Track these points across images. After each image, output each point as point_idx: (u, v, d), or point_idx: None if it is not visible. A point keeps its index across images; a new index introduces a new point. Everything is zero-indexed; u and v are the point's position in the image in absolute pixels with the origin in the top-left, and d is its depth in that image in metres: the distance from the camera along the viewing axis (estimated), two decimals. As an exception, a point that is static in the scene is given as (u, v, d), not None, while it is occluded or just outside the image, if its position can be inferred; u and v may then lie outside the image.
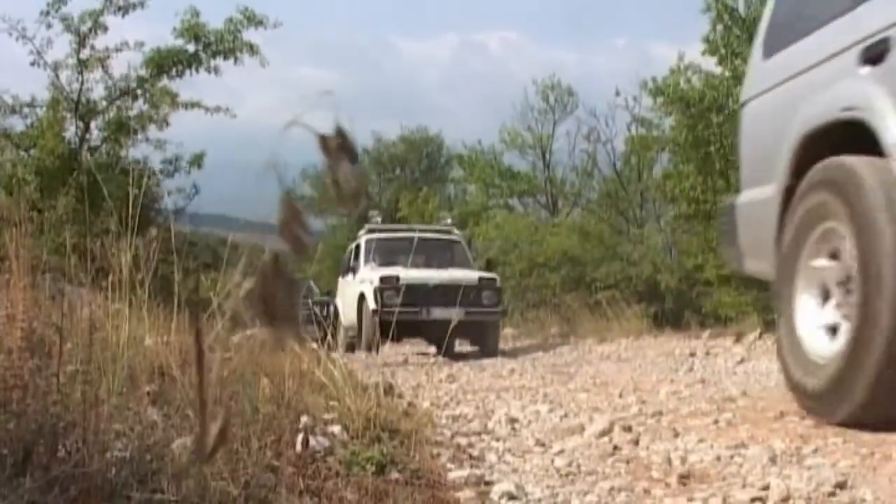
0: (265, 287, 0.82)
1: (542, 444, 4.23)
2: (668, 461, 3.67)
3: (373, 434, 3.59)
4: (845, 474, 3.18)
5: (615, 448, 4.05)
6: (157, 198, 14.26)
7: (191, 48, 15.32)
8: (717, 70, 15.79)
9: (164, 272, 4.24)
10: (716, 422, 4.56)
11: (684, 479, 3.35)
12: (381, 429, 3.67)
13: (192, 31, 15.16)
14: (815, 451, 3.68)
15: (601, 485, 3.30)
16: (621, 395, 6.07)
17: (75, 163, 14.08)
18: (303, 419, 3.41)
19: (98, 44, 15.08)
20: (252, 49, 15.25)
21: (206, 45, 15.27)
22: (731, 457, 3.67)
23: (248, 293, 0.82)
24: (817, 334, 4.35)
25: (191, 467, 2.27)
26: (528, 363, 10.57)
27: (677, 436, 4.25)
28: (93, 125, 15.59)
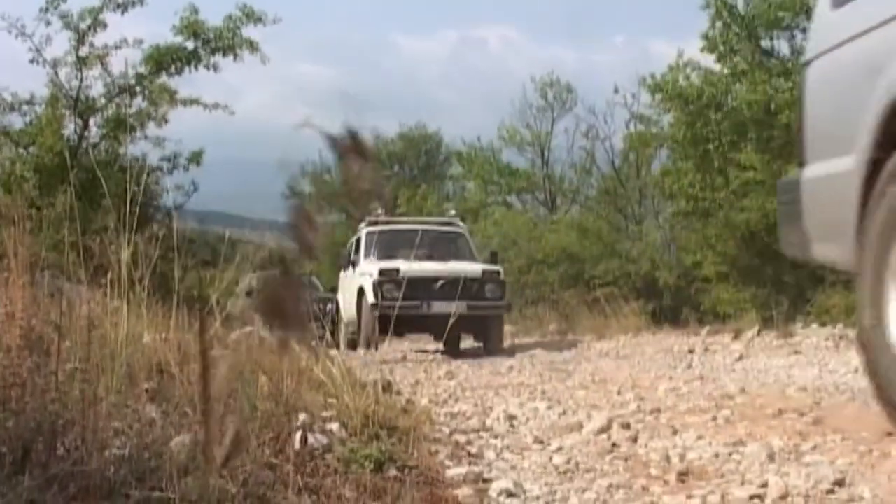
0: (273, 292, 0.82)
1: (541, 442, 4.23)
2: (667, 458, 3.68)
3: (371, 431, 3.60)
4: (844, 472, 3.19)
5: (613, 445, 4.05)
6: (156, 195, 14.28)
7: (190, 45, 15.34)
8: (717, 67, 15.81)
9: (163, 269, 4.25)
10: (714, 419, 4.56)
11: (683, 476, 3.35)
12: (379, 426, 3.67)
13: (192, 28, 15.17)
14: (814, 448, 3.69)
15: (599, 482, 3.30)
16: (620, 392, 6.07)
17: (74, 160, 14.08)
18: (301, 417, 3.42)
19: (97, 41, 15.12)
20: (252, 46, 15.27)
21: (206, 43, 15.28)
22: (730, 454, 3.67)
23: (256, 297, 0.82)
24: None
25: (198, 473, 2.28)
26: (526, 360, 10.55)
27: (676, 433, 4.26)
28: (92, 122, 15.62)
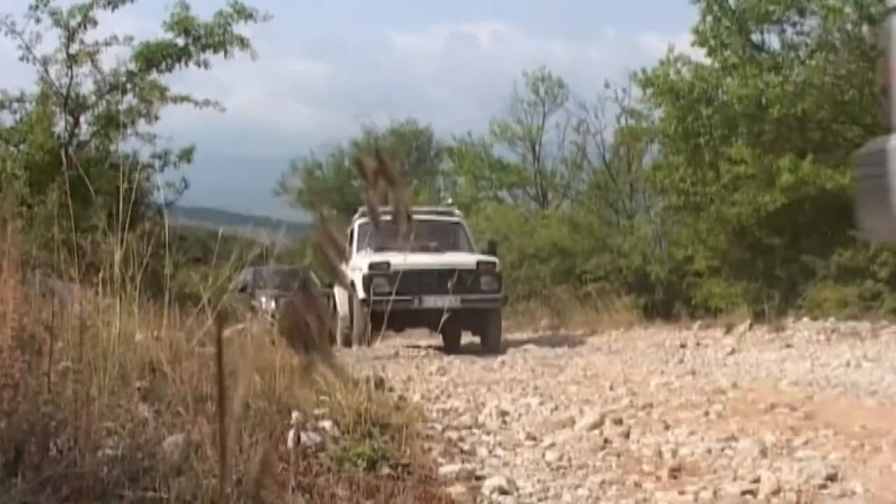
0: (296, 314, 0.81)
1: (533, 438, 4.24)
2: (659, 454, 3.68)
3: (364, 429, 3.60)
4: (836, 466, 3.20)
5: (606, 441, 4.06)
6: (146, 192, 14.23)
7: (180, 42, 15.27)
8: (707, 61, 15.80)
9: (154, 267, 4.23)
10: (706, 414, 4.57)
11: (675, 472, 3.36)
12: (371, 423, 3.67)
13: (182, 24, 15.11)
14: (806, 443, 3.70)
15: (592, 478, 3.31)
16: (612, 388, 6.07)
17: (65, 158, 14.02)
18: (294, 415, 3.42)
19: (87, 38, 15.02)
20: (242, 42, 15.20)
21: (196, 39, 15.22)
22: (722, 449, 3.68)
23: (280, 321, 0.82)
24: None
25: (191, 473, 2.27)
26: (518, 355, 10.55)
27: (668, 428, 4.27)
28: (82, 120, 15.55)
